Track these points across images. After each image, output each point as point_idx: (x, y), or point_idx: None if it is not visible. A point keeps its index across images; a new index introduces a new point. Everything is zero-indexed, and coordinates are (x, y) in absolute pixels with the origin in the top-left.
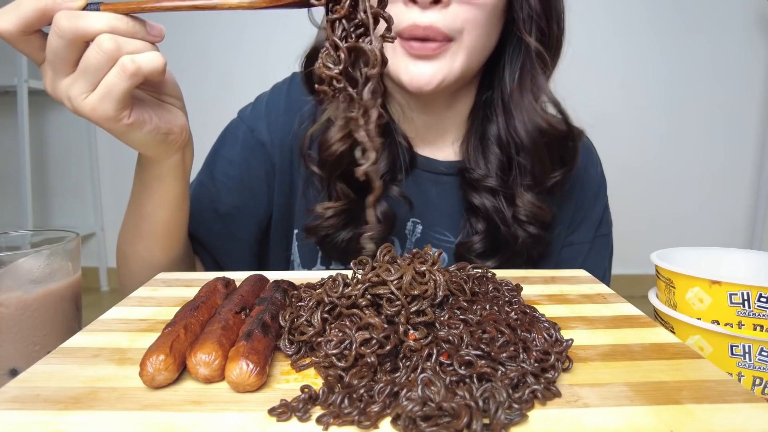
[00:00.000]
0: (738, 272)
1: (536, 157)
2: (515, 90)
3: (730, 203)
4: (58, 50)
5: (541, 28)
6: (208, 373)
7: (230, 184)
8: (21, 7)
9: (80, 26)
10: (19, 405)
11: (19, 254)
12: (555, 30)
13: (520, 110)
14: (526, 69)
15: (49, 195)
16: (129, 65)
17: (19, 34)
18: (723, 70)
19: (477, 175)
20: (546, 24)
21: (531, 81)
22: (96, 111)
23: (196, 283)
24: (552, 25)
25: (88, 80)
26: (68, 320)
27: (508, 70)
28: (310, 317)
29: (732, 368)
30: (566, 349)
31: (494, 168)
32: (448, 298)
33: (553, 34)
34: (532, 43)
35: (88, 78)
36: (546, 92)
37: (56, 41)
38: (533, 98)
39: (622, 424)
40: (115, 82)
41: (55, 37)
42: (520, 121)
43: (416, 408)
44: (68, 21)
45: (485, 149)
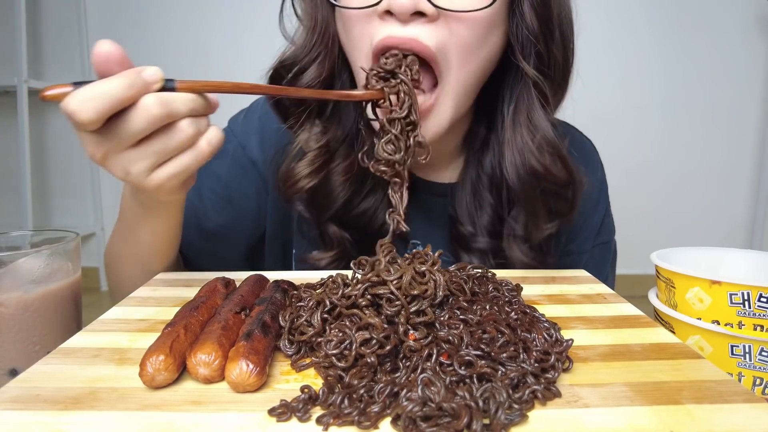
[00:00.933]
0: (738, 272)
1: (528, 205)
2: (508, 126)
3: (730, 203)
4: (137, 130)
5: (540, 53)
6: (208, 373)
7: (217, 202)
8: (106, 96)
9: (170, 112)
10: (19, 405)
11: (19, 254)
12: (557, 57)
13: (512, 149)
14: (522, 101)
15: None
16: (205, 149)
17: (98, 121)
18: (723, 71)
19: (466, 231)
20: (545, 48)
21: (527, 116)
22: (162, 187)
23: (196, 283)
24: (552, 51)
25: (158, 158)
26: (68, 320)
27: (506, 101)
28: (310, 317)
29: (732, 368)
30: (566, 349)
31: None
32: (448, 298)
33: (554, 61)
34: (529, 71)
35: (159, 157)
36: (544, 131)
37: (139, 123)
38: (529, 136)
39: (622, 424)
40: (190, 162)
41: (140, 120)
42: (511, 163)
43: (416, 408)
44: (159, 108)
45: (476, 192)
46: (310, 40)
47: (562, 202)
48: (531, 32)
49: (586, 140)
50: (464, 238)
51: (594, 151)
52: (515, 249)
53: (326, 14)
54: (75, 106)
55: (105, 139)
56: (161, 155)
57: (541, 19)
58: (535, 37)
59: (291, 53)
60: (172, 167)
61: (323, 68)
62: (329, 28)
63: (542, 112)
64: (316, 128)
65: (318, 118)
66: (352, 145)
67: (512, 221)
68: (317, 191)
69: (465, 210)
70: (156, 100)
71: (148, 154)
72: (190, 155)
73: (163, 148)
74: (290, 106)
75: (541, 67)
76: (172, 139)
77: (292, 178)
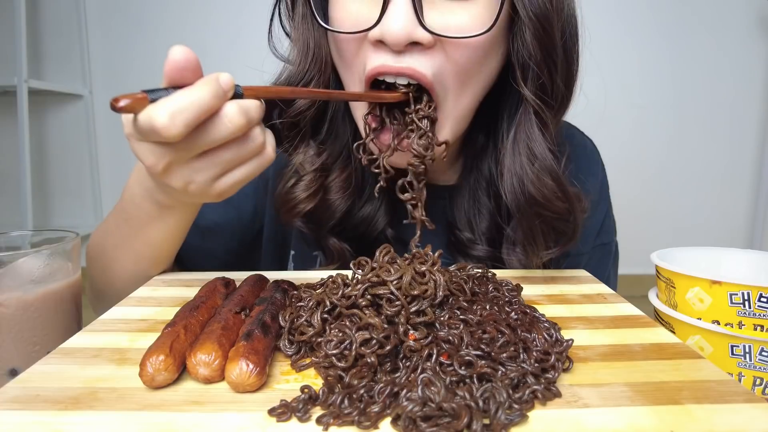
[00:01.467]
0: (738, 272)
1: (527, 232)
2: (508, 151)
3: (730, 203)
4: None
5: (542, 83)
6: (208, 373)
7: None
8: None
9: (249, 121)
10: (19, 405)
11: (19, 254)
12: (560, 86)
13: (511, 175)
14: (521, 128)
15: (49, 195)
16: (271, 154)
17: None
18: (723, 70)
19: (464, 237)
20: (548, 78)
21: (527, 144)
22: (224, 195)
23: (196, 283)
24: (555, 81)
25: (226, 167)
26: (68, 320)
27: (505, 120)
28: (310, 317)
29: (732, 368)
30: (566, 349)
31: (483, 227)
32: (448, 298)
33: (557, 89)
34: (529, 97)
35: (228, 165)
36: (543, 159)
37: (222, 132)
38: (528, 164)
39: (622, 424)
40: (256, 169)
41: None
42: (510, 191)
43: (416, 408)
44: (241, 117)
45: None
46: (304, 64)
47: (562, 230)
48: (533, 61)
49: (588, 140)
50: (463, 245)
51: (595, 151)
52: (514, 260)
53: (318, 36)
54: (165, 121)
55: (172, 150)
56: (231, 164)
57: (544, 49)
58: (537, 65)
59: (284, 79)
60: (238, 174)
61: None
62: (321, 50)
63: (542, 139)
64: (311, 150)
65: (312, 139)
66: (349, 157)
67: (511, 232)
68: (316, 207)
69: (463, 215)
70: (238, 109)
71: (216, 163)
72: (257, 162)
73: (235, 156)
74: (283, 130)
75: (541, 95)
76: (246, 147)
77: (289, 203)
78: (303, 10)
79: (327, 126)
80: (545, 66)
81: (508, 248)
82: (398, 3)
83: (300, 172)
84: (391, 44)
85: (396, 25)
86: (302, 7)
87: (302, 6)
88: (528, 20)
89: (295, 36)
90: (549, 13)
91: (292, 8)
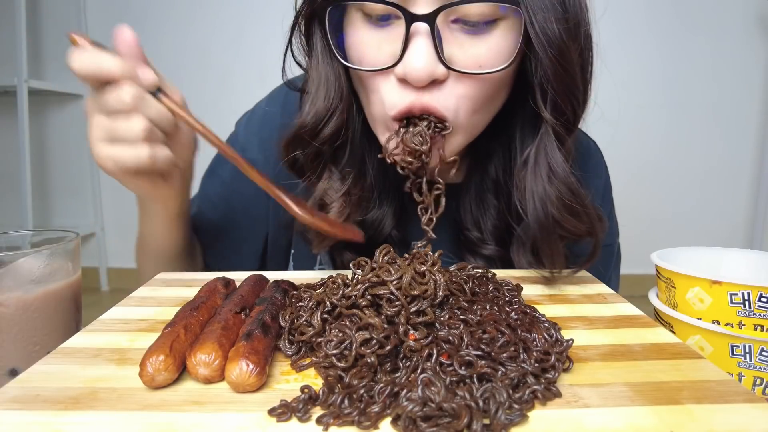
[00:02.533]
0: (738, 272)
1: (548, 251)
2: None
3: (730, 203)
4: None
5: (559, 108)
6: (208, 373)
7: (221, 206)
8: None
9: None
10: (19, 405)
11: (19, 254)
12: (576, 110)
13: (533, 198)
14: (542, 147)
15: (49, 195)
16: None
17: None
18: (723, 70)
19: (473, 237)
20: (568, 104)
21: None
22: (99, 161)
23: (196, 283)
24: (574, 106)
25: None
26: (68, 320)
27: (518, 134)
28: (310, 317)
29: (732, 368)
30: (566, 349)
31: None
32: (448, 298)
33: (574, 115)
34: (549, 119)
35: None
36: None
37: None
38: (549, 185)
39: (622, 424)
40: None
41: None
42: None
43: (416, 408)
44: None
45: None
46: (327, 98)
47: (582, 250)
48: (552, 89)
49: (591, 141)
50: (473, 244)
51: (598, 153)
52: (523, 261)
53: (338, 68)
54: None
55: (93, 98)
56: (110, 134)
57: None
58: (557, 93)
59: (312, 117)
60: (113, 151)
61: (341, 120)
62: (341, 81)
63: (562, 158)
64: (335, 176)
65: (335, 165)
66: (363, 171)
67: (522, 233)
68: None
69: (470, 215)
70: (130, 89)
71: (104, 126)
72: (129, 152)
73: (113, 128)
74: (306, 162)
75: (559, 117)
76: (122, 126)
77: (321, 235)
78: (321, 44)
79: (348, 150)
80: (566, 97)
81: (518, 249)
82: (420, 40)
83: (326, 201)
84: (413, 82)
85: (418, 63)
86: (320, 42)
87: (320, 42)
88: (548, 61)
89: (313, 70)
90: (566, 49)
91: (307, 42)
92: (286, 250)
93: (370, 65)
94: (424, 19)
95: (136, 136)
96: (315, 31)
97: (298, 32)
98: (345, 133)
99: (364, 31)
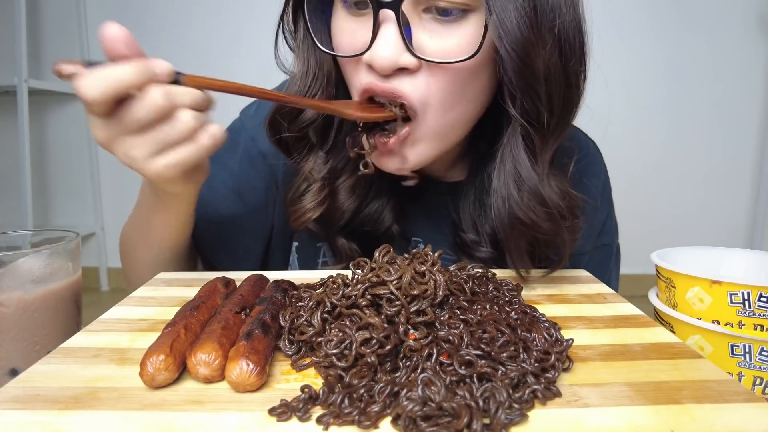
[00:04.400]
0: (738, 272)
1: (513, 249)
2: (495, 170)
3: (730, 203)
4: (140, 118)
5: (524, 107)
6: (208, 373)
7: (228, 195)
8: (114, 80)
9: (173, 104)
10: (19, 405)
11: (19, 254)
12: (544, 115)
13: (497, 194)
14: (507, 151)
15: (49, 195)
16: (206, 142)
17: (103, 102)
18: (723, 70)
19: (468, 239)
20: (533, 106)
21: (513, 163)
22: (162, 174)
23: (196, 283)
24: (540, 109)
25: (159, 147)
26: (68, 320)
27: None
28: (310, 317)
29: (732, 368)
30: (566, 348)
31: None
32: (448, 298)
33: (542, 119)
34: (515, 116)
35: (160, 146)
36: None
37: (144, 111)
38: (514, 188)
39: (622, 424)
40: (189, 154)
41: (146, 109)
42: (496, 213)
43: (416, 408)
44: (164, 100)
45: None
46: (306, 80)
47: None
48: (516, 89)
49: (590, 141)
50: (467, 246)
51: (597, 153)
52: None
53: (319, 54)
54: (84, 88)
55: (111, 123)
56: (162, 144)
57: (524, 81)
58: (521, 93)
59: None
60: (171, 157)
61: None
62: (324, 66)
63: (529, 163)
64: (319, 159)
65: (320, 149)
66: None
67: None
68: (325, 212)
69: (468, 216)
70: (161, 91)
71: (149, 141)
72: (190, 147)
73: (163, 137)
74: (292, 142)
75: (528, 119)
76: (173, 129)
77: (298, 211)
78: (304, 31)
79: (334, 135)
80: (528, 96)
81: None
82: (388, 29)
83: (309, 180)
84: (378, 70)
85: (384, 51)
86: (303, 29)
87: (303, 27)
88: (505, 53)
89: (298, 53)
90: (527, 43)
91: (294, 28)
92: (288, 241)
93: (345, 52)
94: (390, 5)
95: (188, 130)
96: (300, 17)
97: (287, 16)
98: (325, 119)
99: (342, 19)
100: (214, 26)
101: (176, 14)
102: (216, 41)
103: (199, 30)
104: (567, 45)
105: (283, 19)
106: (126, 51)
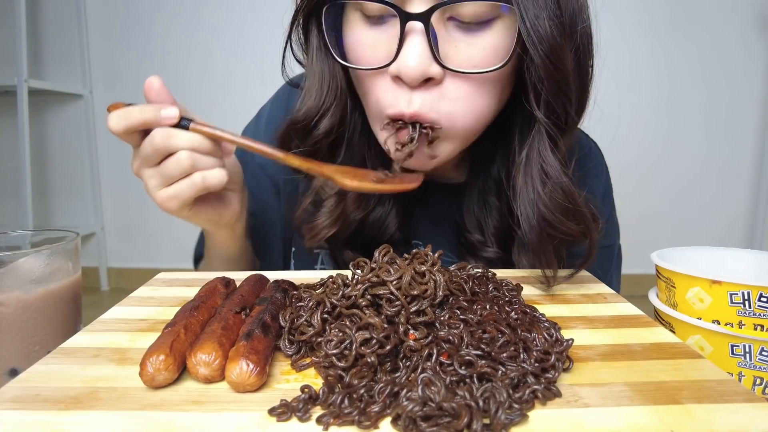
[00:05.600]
0: (738, 272)
1: (541, 253)
2: (520, 172)
3: (730, 203)
4: (149, 153)
5: (552, 108)
6: (208, 373)
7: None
8: (129, 117)
9: (169, 145)
10: (19, 405)
11: (19, 254)
12: (571, 115)
13: (524, 200)
14: (534, 148)
15: (49, 195)
16: (198, 181)
17: (124, 134)
18: (723, 70)
19: (474, 239)
20: (562, 107)
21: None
22: (164, 204)
23: (196, 283)
24: (568, 109)
25: (164, 180)
26: (68, 320)
27: (517, 136)
28: (310, 317)
29: (732, 368)
30: (566, 348)
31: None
32: (448, 298)
33: (566, 116)
34: (542, 119)
35: (164, 179)
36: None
37: (148, 148)
38: (541, 187)
39: (622, 424)
40: (184, 190)
41: (149, 145)
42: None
43: (416, 408)
44: (161, 139)
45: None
46: (320, 94)
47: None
48: (545, 91)
49: (591, 142)
50: (474, 247)
51: (599, 153)
52: (524, 261)
53: (333, 66)
54: (110, 120)
55: (138, 156)
56: (165, 178)
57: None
58: (550, 94)
59: (302, 114)
60: (171, 190)
61: (335, 118)
62: (337, 79)
63: (555, 160)
64: None
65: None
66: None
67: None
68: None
69: (473, 217)
70: (162, 132)
71: (156, 174)
72: (184, 183)
73: (163, 171)
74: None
75: (554, 118)
76: (169, 166)
77: (313, 229)
78: (317, 42)
79: (344, 148)
80: (558, 98)
81: (519, 250)
82: (414, 39)
83: (321, 196)
84: (407, 81)
85: (412, 61)
86: (317, 40)
87: (317, 38)
88: (539, 59)
89: (310, 66)
90: (558, 47)
91: (305, 40)
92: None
93: (366, 64)
94: (419, 17)
95: (183, 167)
96: (312, 28)
97: (297, 29)
98: (339, 131)
99: (361, 31)
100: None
101: (177, 14)
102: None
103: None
104: (584, 40)
105: (291, 31)
106: (154, 97)
